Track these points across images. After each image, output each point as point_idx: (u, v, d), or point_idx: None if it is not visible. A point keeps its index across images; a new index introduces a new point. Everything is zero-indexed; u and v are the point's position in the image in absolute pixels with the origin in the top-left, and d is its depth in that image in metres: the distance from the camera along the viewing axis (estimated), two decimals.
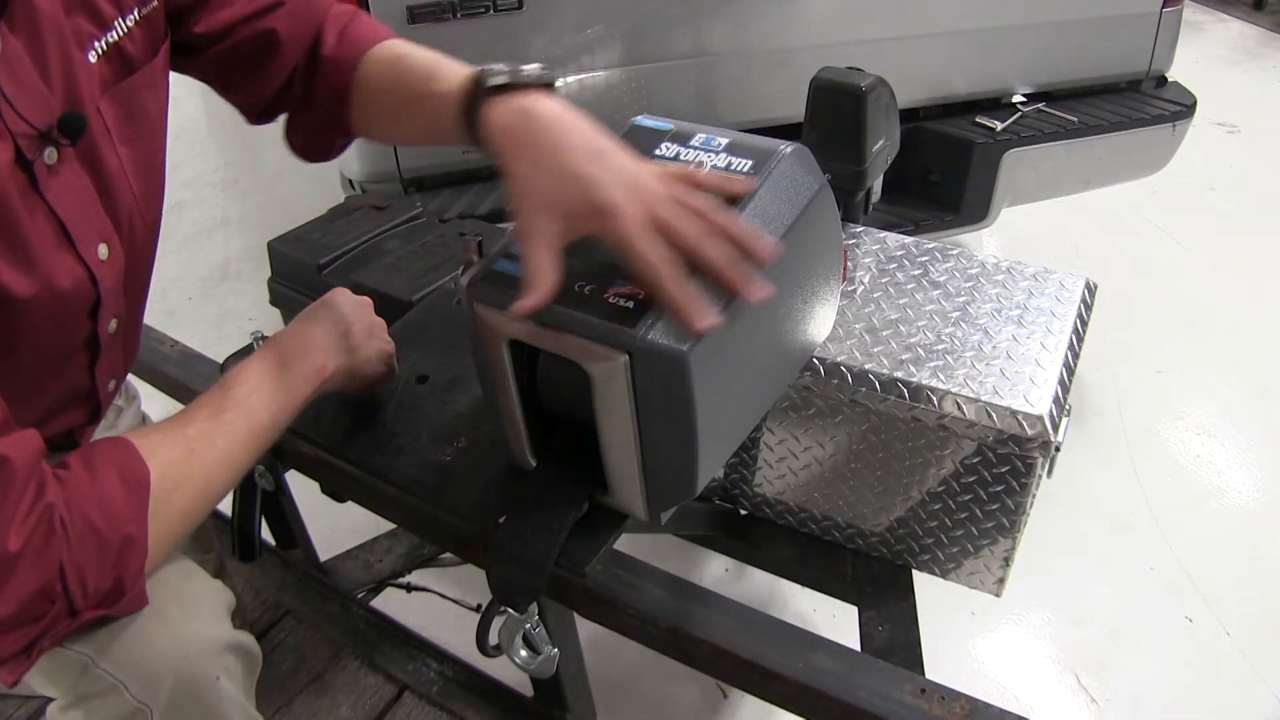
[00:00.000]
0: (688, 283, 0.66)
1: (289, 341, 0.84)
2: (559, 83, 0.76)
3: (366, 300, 0.94)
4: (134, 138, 0.77)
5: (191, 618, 0.78)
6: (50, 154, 0.67)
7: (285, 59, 0.86)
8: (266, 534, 1.30)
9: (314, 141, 0.93)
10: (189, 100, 3.17)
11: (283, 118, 0.93)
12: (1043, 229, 2.81)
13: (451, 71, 0.79)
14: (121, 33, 0.74)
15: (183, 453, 0.71)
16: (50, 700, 0.78)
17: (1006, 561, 0.97)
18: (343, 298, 0.91)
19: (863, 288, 1.02)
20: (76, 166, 0.70)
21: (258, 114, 0.91)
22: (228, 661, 0.80)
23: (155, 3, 0.77)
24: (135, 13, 0.75)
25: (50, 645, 0.66)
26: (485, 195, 1.73)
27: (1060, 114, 2.01)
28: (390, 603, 1.46)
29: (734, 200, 0.73)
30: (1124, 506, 1.92)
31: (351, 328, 0.88)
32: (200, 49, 0.84)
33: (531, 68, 0.74)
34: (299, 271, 1.35)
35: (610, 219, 0.66)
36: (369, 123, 0.90)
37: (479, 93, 0.73)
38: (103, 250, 0.74)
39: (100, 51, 0.72)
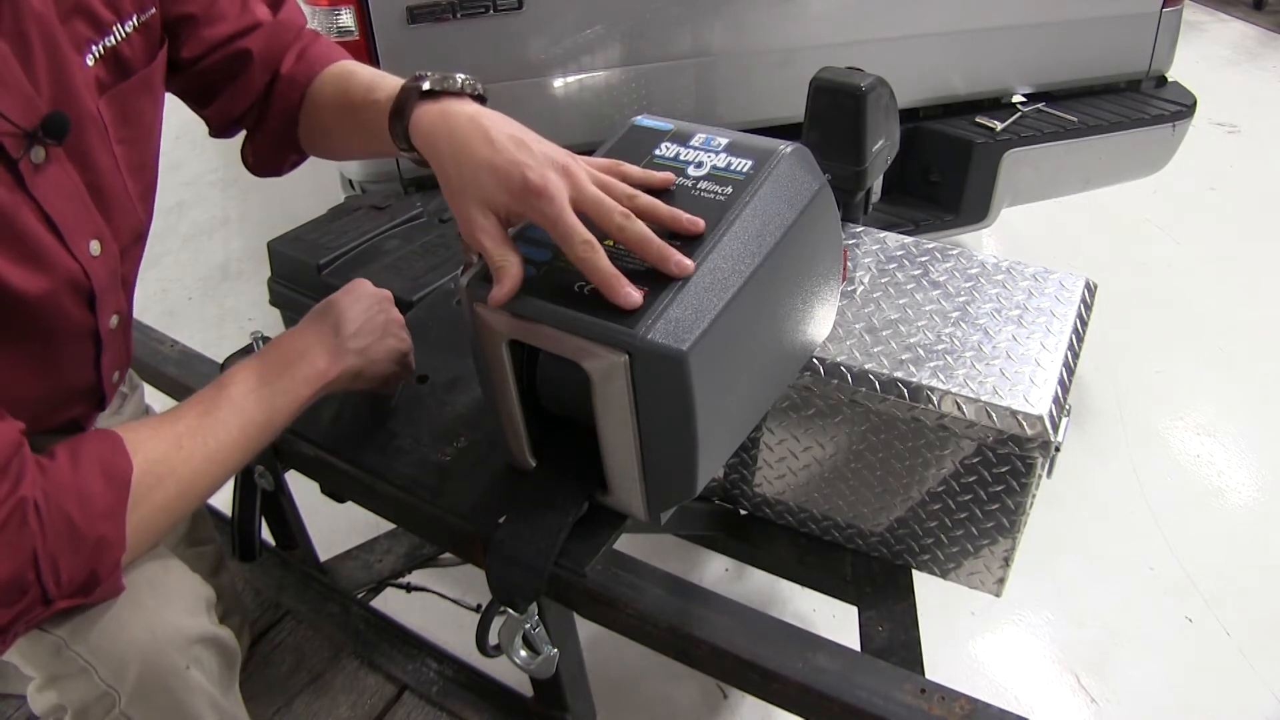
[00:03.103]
0: (607, 260, 0.69)
1: (292, 343, 0.84)
2: (485, 89, 0.80)
3: (385, 294, 0.93)
4: (130, 139, 0.78)
5: (164, 607, 0.78)
6: (37, 153, 0.67)
7: (255, 79, 0.89)
8: (266, 534, 1.31)
9: (265, 158, 0.96)
10: None
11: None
12: (1043, 229, 2.81)
13: (390, 82, 0.82)
14: (120, 37, 0.76)
15: (169, 448, 0.72)
16: (29, 680, 0.79)
17: (1006, 561, 0.97)
18: (361, 290, 0.91)
19: (863, 288, 1.02)
20: (66, 165, 0.71)
21: (222, 129, 0.94)
22: (199, 653, 0.80)
23: (153, 10, 0.79)
24: (134, 19, 0.77)
25: (25, 631, 0.67)
26: None
27: (1060, 114, 2.01)
28: (390, 603, 1.46)
29: (660, 195, 0.75)
30: (1124, 506, 1.92)
31: (360, 329, 0.87)
32: (182, 66, 0.86)
33: (461, 76, 0.77)
34: (299, 271, 1.35)
35: (541, 198, 0.69)
36: (316, 138, 0.93)
37: (408, 97, 0.77)
38: (94, 246, 0.75)
39: (97, 55, 0.74)
